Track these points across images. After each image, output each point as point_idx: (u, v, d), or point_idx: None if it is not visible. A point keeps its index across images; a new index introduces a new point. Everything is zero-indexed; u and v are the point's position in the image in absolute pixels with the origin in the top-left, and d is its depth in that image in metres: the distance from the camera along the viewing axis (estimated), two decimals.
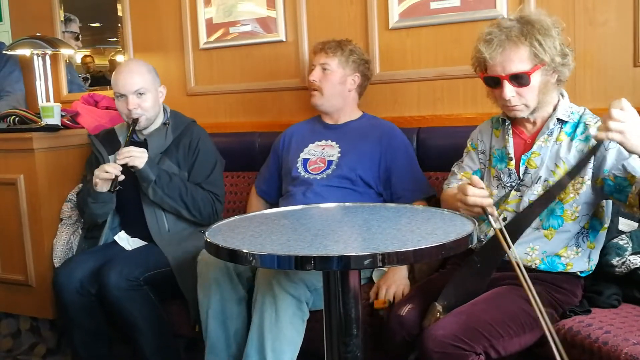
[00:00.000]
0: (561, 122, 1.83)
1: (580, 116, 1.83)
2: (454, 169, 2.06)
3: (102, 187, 2.28)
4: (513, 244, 1.72)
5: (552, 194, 1.69)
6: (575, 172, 1.68)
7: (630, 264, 1.84)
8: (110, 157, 2.49)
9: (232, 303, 2.08)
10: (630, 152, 1.49)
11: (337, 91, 2.38)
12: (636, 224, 1.97)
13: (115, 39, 3.33)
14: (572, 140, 1.80)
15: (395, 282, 2.05)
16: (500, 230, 1.51)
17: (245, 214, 1.78)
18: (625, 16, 2.20)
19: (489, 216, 1.61)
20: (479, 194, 1.62)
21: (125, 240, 2.48)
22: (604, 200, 1.82)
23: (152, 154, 2.40)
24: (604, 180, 1.71)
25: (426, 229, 1.50)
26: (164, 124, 2.51)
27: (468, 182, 1.65)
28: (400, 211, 1.72)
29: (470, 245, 1.41)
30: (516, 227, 1.69)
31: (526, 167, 1.84)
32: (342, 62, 2.36)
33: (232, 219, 1.70)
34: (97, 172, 2.29)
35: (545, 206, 1.73)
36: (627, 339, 1.55)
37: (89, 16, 3.46)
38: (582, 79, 2.28)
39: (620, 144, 1.46)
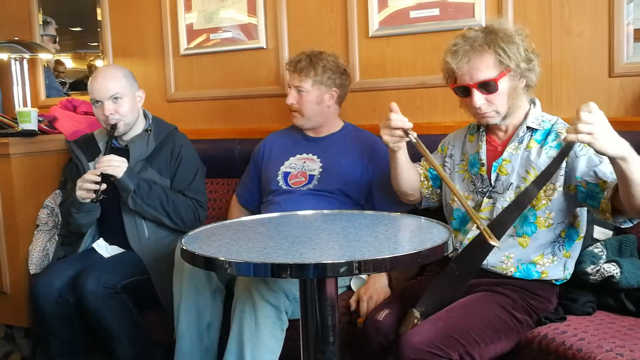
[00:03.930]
0: (531, 130, 1.85)
1: (552, 125, 1.85)
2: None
3: (86, 197, 2.25)
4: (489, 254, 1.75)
5: (523, 199, 1.72)
6: (546, 174, 1.70)
7: (604, 272, 1.85)
8: (90, 163, 2.46)
9: (206, 295, 2.06)
10: (600, 153, 1.49)
11: (316, 111, 2.33)
12: (611, 232, 2.00)
13: (96, 44, 3.31)
14: (542, 147, 1.82)
15: (377, 291, 2.04)
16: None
17: (222, 222, 1.78)
18: (601, 27, 2.23)
19: (410, 135, 1.80)
20: (400, 118, 1.81)
21: (104, 248, 2.46)
22: (579, 210, 1.84)
23: (133, 161, 2.38)
24: (576, 187, 1.73)
25: (403, 236, 1.51)
26: (146, 130, 2.49)
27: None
28: (377, 219, 1.72)
29: (446, 253, 1.42)
30: (493, 230, 1.67)
31: (497, 173, 1.86)
32: (316, 82, 2.29)
33: (209, 226, 1.69)
34: (79, 182, 2.26)
35: (519, 211, 1.75)
36: (601, 346, 1.56)
37: (69, 20, 3.43)
38: (558, 89, 2.31)
39: (590, 145, 1.47)
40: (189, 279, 2.05)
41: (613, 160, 1.49)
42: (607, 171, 1.66)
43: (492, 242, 1.58)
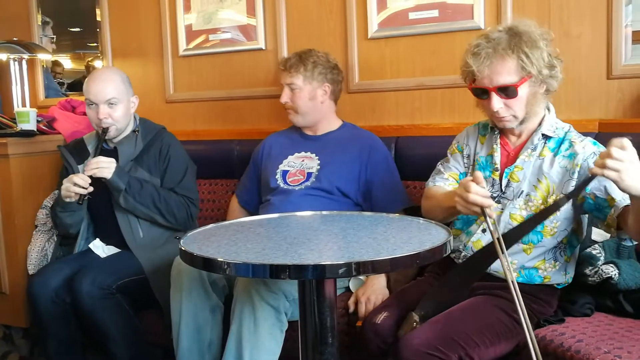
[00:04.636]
0: (545, 137, 1.83)
1: (566, 133, 1.83)
2: (440, 167, 2.01)
3: (68, 196, 2.26)
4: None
5: (547, 213, 1.64)
6: (573, 195, 1.63)
7: (602, 274, 1.85)
8: (79, 166, 2.47)
9: (206, 312, 2.06)
10: (623, 191, 1.47)
11: (310, 107, 2.36)
12: (608, 234, 2.00)
13: (95, 44, 3.31)
14: (555, 155, 1.80)
15: (375, 292, 2.04)
16: (498, 238, 1.46)
17: (221, 222, 1.77)
18: (599, 29, 2.24)
19: (487, 217, 1.56)
20: (481, 193, 1.58)
21: (100, 248, 2.46)
22: (582, 216, 1.83)
23: (122, 162, 2.39)
24: (584, 197, 1.72)
25: (401, 237, 1.50)
26: (134, 131, 2.49)
27: (471, 179, 1.59)
28: (376, 220, 1.72)
29: (445, 254, 1.42)
30: (505, 241, 1.59)
31: (508, 180, 1.83)
32: (307, 78, 2.33)
33: (208, 227, 1.69)
34: (65, 182, 2.27)
35: (537, 224, 1.70)
36: (599, 348, 1.56)
37: (68, 21, 3.43)
38: (556, 90, 2.31)
39: (615, 182, 1.44)
40: (188, 296, 2.05)
41: (634, 197, 1.47)
42: (616, 188, 1.61)
43: None
